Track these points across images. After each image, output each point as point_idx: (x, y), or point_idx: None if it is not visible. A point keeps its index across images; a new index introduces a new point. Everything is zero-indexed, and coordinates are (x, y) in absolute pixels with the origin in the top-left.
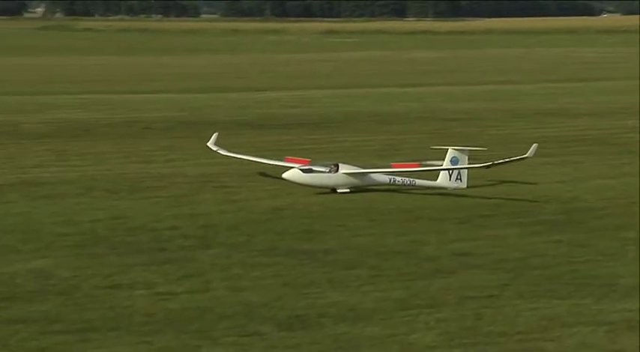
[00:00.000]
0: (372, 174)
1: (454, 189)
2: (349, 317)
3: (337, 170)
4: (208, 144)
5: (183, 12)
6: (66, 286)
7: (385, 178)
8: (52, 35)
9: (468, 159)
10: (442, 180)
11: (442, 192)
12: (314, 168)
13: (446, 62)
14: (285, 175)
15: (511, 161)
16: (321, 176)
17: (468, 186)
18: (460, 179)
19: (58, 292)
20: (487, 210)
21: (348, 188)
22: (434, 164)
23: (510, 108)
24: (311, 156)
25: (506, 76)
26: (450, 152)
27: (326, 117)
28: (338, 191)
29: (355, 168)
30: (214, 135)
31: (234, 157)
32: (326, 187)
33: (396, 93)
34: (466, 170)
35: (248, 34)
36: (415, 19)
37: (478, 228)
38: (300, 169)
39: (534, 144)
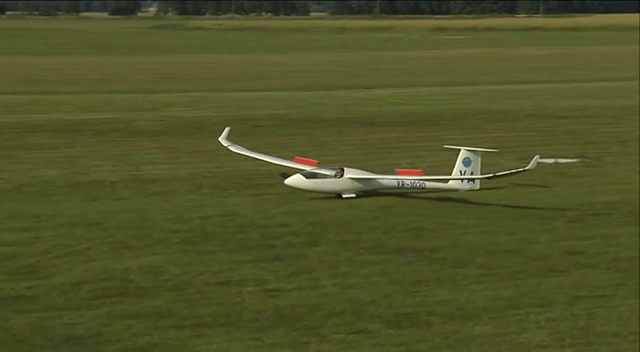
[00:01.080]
0: (380, 176)
1: (467, 190)
2: (458, 315)
3: (342, 174)
4: (220, 139)
5: (292, 10)
6: (177, 282)
7: (393, 182)
8: (164, 34)
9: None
10: (454, 181)
11: (545, 191)
12: (318, 173)
13: (557, 59)
14: (287, 181)
15: (513, 173)
16: (326, 181)
17: (480, 188)
18: (473, 180)
19: (169, 288)
20: (601, 209)
21: (354, 193)
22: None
23: (624, 105)
24: (420, 153)
25: (620, 73)
26: (463, 153)
27: (434, 114)
28: (343, 196)
29: (361, 172)
30: (226, 130)
31: (245, 155)
32: (331, 192)
33: (505, 90)
34: (479, 170)
35: (357, 31)
36: (526, 15)
37: (590, 226)
38: (303, 174)
39: (536, 156)
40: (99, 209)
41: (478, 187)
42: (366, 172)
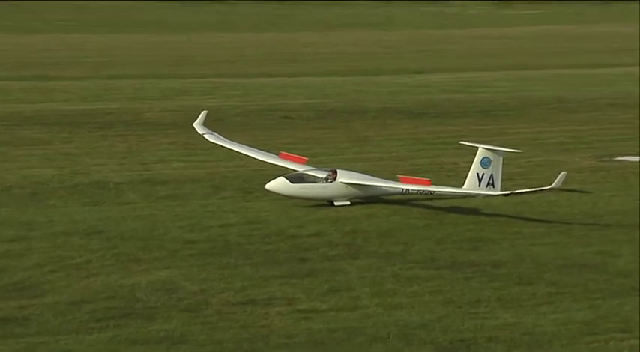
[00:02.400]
0: (380, 183)
1: (485, 196)
2: (524, 341)
3: (335, 178)
4: (194, 124)
5: None
6: (193, 301)
7: (396, 186)
8: (177, 9)
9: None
10: (470, 185)
11: (627, 194)
12: (306, 176)
13: None
14: (269, 186)
15: (534, 192)
16: (315, 186)
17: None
18: (493, 184)
19: (183, 308)
20: None
21: (349, 200)
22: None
23: None
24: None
25: None
26: (481, 152)
27: (497, 104)
28: (335, 204)
29: (358, 175)
30: (202, 114)
31: (223, 146)
32: (320, 199)
33: (581, 75)
34: (500, 175)
35: (404, 5)
36: None
37: None
38: (289, 178)
39: (562, 173)
40: (101, 215)
41: (499, 192)
42: (363, 175)
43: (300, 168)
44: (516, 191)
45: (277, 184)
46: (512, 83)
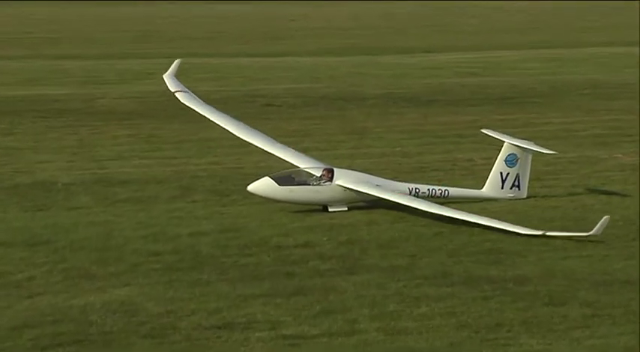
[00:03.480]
0: (385, 185)
1: (510, 199)
2: None
3: (332, 179)
4: (165, 76)
5: None
6: (157, 325)
7: (403, 188)
8: None
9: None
10: (490, 187)
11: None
12: (296, 177)
13: None
14: (251, 188)
15: (569, 237)
16: (307, 189)
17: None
18: (518, 186)
19: (145, 333)
20: None
21: (346, 204)
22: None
23: None
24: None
25: None
26: (507, 148)
27: (522, 89)
28: (330, 210)
29: (360, 176)
30: (175, 63)
31: (203, 115)
32: (312, 204)
33: (624, 54)
34: (527, 175)
35: None
36: None
37: None
38: (275, 178)
39: (605, 217)
40: (47, 222)
41: (525, 195)
42: (365, 175)
43: (292, 159)
44: (548, 233)
45: (261, 186)
46: (540, 64)
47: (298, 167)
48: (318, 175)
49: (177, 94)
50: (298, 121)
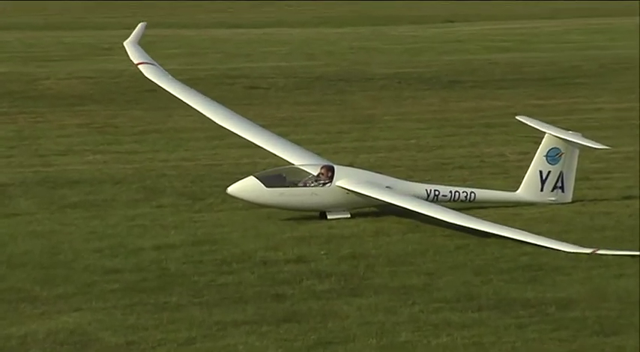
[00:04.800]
0: (396, 186)
1: (551, 203)
2: None
3: (331, 179)
4: (126, 43)
5: None
6: None
7: (419, 190)
8: None
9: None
10: (527, 189)
11: None
12: (287, 176)
13: None
14: (232, 190)
15: (620, 254)
16: (299, 192)
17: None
18: (562, 187)
19: None
20: None
21: (349, 210)
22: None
23: None
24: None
25: None
26: (548, 141)
27: (564, 67)
28: (329, 217)
29: (366, 175)
30: (139, 27)
31: (173, 99)
32: (308, 210)
33: None
34: (573, 172)
35: None
36: None
37: None
38: (261, 178)
39: None
40: None
41: (570, 199)
42: (374, 174)
43: (283, 154)
44: (599, 251)
45: (245, 187)
46: (586, 37)
47: (291, 164)
48: (315, 174)
49: (141, 67)
50: (289, 107)
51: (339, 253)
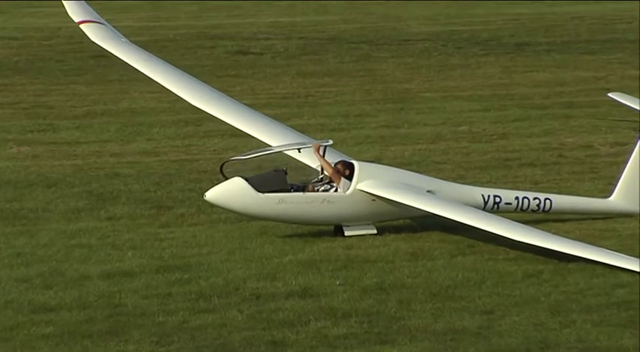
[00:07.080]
0: (441, 190)
1: None
2: None
3: (350, 179)
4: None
5: None
6: None
7: (473, 196)
8: None
9: None
10: (623, 195)
11: None
12: (288, 177)
13: None
14: (212, 196)
15: None
16: (305, 199)
17: None
18: None
19: None
20: None
21: (373, 223)
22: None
23: None
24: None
25: None
26: None
27: None
28: (347, 233)
29: (401, 173)
30: None
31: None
32: (316, 223)
33: None
34: None
35: None
36: None
37: None
38: (252, 181)
39: None
40: None
41: None
42: (410, 173)
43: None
44: None
45: (229, 192)
46: None
47: (294, 159)
48: (327, 174)
49: (83, 27)
50: (291, 81)
51: (360, 283)
